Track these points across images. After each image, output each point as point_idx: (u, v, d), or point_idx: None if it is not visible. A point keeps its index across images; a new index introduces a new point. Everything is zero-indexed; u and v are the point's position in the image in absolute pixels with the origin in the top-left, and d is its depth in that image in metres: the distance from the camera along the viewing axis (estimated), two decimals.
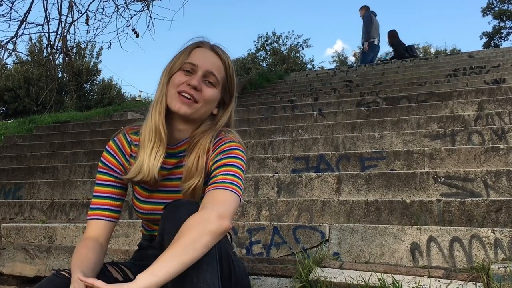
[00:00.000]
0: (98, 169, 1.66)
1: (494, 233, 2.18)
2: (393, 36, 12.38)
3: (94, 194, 1.64)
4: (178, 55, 1.63)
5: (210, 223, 1.33)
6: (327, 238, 2.48)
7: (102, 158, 1.66)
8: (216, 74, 1.61)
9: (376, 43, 11.60)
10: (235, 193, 1.45)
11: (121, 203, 1.66)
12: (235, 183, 1.47)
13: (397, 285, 1.83)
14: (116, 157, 1.65)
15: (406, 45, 12.31)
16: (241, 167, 1.52)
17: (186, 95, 1.55)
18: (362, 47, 11.93)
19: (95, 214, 1.60)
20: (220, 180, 1.46)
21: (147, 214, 1.66)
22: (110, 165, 1.64)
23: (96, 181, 1.65)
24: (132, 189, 1.72)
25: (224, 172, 1.48)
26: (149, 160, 1.55)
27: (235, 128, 1.70)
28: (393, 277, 1.87)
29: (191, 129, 1.61)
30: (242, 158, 1.54)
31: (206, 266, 1.34)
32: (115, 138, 1.68)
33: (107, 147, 1.67)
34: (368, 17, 11.53)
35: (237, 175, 1.49)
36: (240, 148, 1.56)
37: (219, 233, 1.35)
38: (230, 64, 1.67)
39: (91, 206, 1.63)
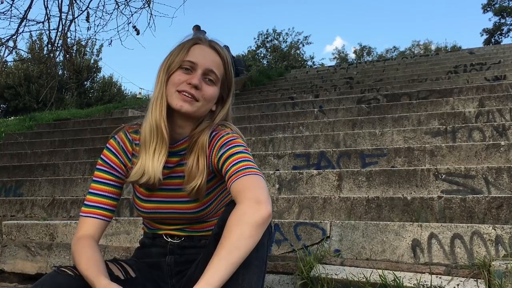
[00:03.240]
0: (98, 166, 1.62)
1: (495, 229, 2.17)
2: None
3: (91, 191, 1.60)
4: (176, 52, 1.59)
5: (252, 214, 1.31)
6: (328, 235, 2.48)
7: (102, 156, 1.62)
8: (216, 72, 1.59)
9: None
10: (256, 174, 1.43)
11: (117, 203, 1.64)
12: (249, 166, 1.45)
13: (398, 281, 1.83)
14: (118, 155, 1.62)
15: (231, 57, 13.10)
16: (246, 151, 1.51)
17: (186, 94, 1.53)
18: None
19: (91, 212, 1.57)
20: (235, 171, 1.44)
21: (150, 213, 1.64)
22: (112, 164, 1.61)
23: (94, 178, 1.61)
24: (132, 187, 1.71)
25: (234, 163, 1.46)
26: (153, 162, 1.53)
27: (234, 124, 1.69)
28: (394, 274, 1.87)
29: (191, 126, 1.60)
30: (243, 144, 1.53)
31: (255, 268, 1.33)
32: (116, 137, 1.64)
33: (108, 145, 1.63)
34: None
35: (246, 159, 1.47)
36: (237, 137, 1.55)
37: (263, 221, 1.32)
38: (228, 60, 1.65)
39: (86, 202, 1.59)
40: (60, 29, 5.92)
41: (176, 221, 1.64)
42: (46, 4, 5.82)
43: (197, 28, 11.42)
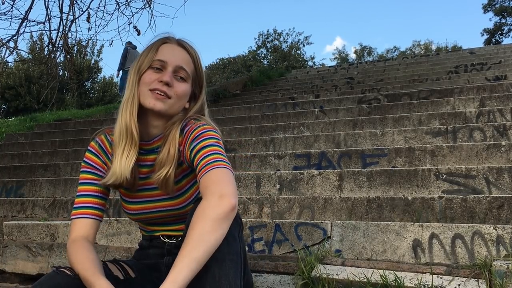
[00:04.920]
0: (81, 169, 1.65)
1: (496, 229, 2.17)
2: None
3: (78, 193, 1.62)
4: (145, 53, 1.60)
5: (213, 208, 1.31)
6: (329, 235, 2.48)
7: (85, 158, 1.65)
8: (186, 69, 1.60)
9: None
10: (223, 167, 1.42)
11: (105, 202, 1.65)
12: (218, 159, 1.44)
13: (399, 282, 1.83)
14: (99, 155, 1.64)
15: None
16: (217, 144, 1.50)
17: (159, 92, 1.54)
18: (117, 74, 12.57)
19: (80, 213, 1.58)
20: (204, 164, 1.44)
21: (137, 214, 1.65)
22: (94, 164, 1.63)
23: (80, 181, 1.63)
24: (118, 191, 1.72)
25: (204, 155, 1.46)
26: (121, 162, 1.54)
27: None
28: (395, 274, 1.87)
29: (165, 125, 1.60)
30: (215, 137, 1.52)
31: (230, 263, 1.32)
32: (97, 139, 1.67)
33: (89, 147, 1.66)
34: (124, 50, 11.94)
35: (217, 152, 1.47)
36: (210, 129, 1.54)
37: (225, 215, 1.31)
38: (197, 57, 1.66)
39: (75, 205, 1.60)
40: (60, 30, 5.93)
41: (165, 219, 1.64)
42: (47, 5, 5.83)
43: (129, 43, 11.49)
